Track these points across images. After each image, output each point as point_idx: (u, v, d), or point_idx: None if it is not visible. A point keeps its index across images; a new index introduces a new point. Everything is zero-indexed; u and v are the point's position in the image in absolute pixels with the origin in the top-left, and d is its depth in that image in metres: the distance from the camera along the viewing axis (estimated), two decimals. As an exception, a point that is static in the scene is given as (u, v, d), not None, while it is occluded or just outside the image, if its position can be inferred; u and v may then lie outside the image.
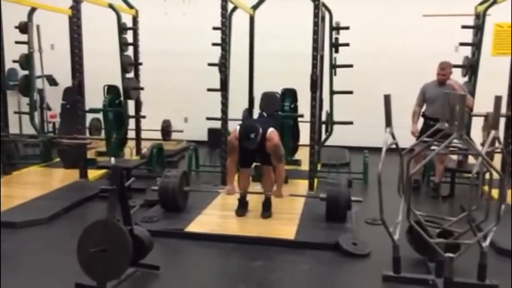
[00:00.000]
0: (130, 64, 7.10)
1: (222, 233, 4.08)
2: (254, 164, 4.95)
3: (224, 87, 5.57)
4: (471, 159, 5.67)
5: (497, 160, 4.44)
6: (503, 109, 3.87)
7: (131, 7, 7.24)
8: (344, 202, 4.29)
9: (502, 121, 4.55)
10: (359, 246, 3.77)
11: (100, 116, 7.18)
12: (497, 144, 3.45)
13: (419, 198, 5.48)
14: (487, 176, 3.24)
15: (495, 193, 3.78)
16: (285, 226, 4.24)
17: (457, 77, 5.85)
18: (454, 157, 5.81)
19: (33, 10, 6.81)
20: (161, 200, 4.54)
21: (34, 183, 5.73)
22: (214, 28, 5.86)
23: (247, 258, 3.69)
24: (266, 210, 4.48)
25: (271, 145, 4.20)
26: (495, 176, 3.17)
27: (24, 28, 6.82)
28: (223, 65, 5.59)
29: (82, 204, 4.94)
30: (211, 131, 8.31)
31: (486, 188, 3.57)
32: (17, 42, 6.84)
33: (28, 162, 6.71)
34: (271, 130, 4.24)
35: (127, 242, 2.93)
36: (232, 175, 4.50)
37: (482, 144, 4.72)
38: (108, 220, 2.98)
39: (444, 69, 5.36)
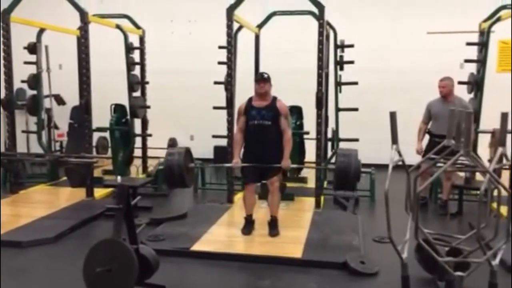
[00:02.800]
0: (137, 83, 7.18)
1: (228, 252, 4.05)
2: (259, 181, 4.94)
3: (230, 105, 5.60)
4: (478, 176, 5.63)
5: (505, 177, 4.40)
6: (510, 126, 3.86)
7: (138, 27, 7.35)
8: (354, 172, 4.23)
9: (509, 138, 4.53)
10: (367, 264, 3.73)
11: (107, 134, 7.23)
12: (504, 161, 3.43)
13: (427, 215, 5.43)
14: (495, 193, 3.21)
15: (503, 210, 3.73)
16: (291, 244, 4.20)
17: (463, 94, 5.85)
18: (462, 174, 5.77)
19: (42, 31, 6.92)
20: (168, 178, 4.47)
21: (40, 202, 5.75)
22: (220, 47, 5.92)
23: (254, 277, 3.66)
24: (273, 229, 4.45)
25: (282, 104, 4.46)
26: (503, 193, 3.14)
27: (33, 48, 6.92)
28: (229, 83, 5.64)
29: (88, 223, 4.93)
30: (217, 149, 8.31)
31: (494, 205, 3.53)
32: (26, 63, 6.93)
33: (35, 181, 6.74)
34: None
35: (133, 261, 2.92)
36: (239, 147, 4.49)
37: (490, 161, 4.69)
38: (114, 240, 2.97)
39: (442, 81, 5.37)
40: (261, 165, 4.38)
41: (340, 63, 6.81)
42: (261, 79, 4.42)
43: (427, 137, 5.60)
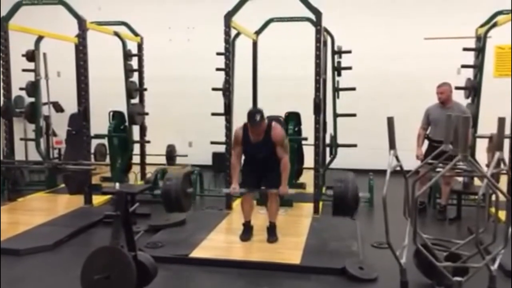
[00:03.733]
0: (135, 90, 7.20)
1: (227, 259, 4.04)
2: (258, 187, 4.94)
3: (228, 111, 5.61)
4: (476, 181, 5.64)
5: (503, 182, 4.41)
6: (507, 131, 3.87)
7: (136, 34, 7.37)
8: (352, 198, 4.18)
9: (507, 142, 4.54)
10: (365, 270, 3.72)
11: (105, 141, 7.23)
12: (502, 166, 3.44)
13: (426, 220, 5.43)
14: (494, 198, 3.22)
15: (502, 215, 3.74)
16: (290, 250, 4.19)
17: (460, 99, 5.88)
18: (460, 178, 5.78)
19: (40, 38, 6.94)
20: (165, 203, 4.44)
21: (39, 210, 5.73)
22: (218, 54, 5.93)
23: (252, 284, 3.65)
24: (272, 235, 4.44)
25: (276, 133, 4.33)
26: (502, 198, 3.15)
27: (31, 56, 6.93)
28: (227, 90, 5.65)
29: (86, 230, 4.92)
30: (215, 155, 8.32)
31: (493, 210, 3.53)
32: (24, 70, 6.94)
33: (33, 188, 6.73)
34: (274, 122, 4.46)
35: (131, 268, 2.91)
36: (236, 172, 4.47)
37: (488, 166, 4.70)
38: (112, 247, 2.96)
39: (440, 87, 5.40)
40: (259, 190, 4.45)
41: (337, 69, 6.83)
42: (255, 124, 4.22)
43: (426, 142, 5.61)
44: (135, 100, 7.22)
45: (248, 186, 4.49)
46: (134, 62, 7.22)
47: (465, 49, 6.06)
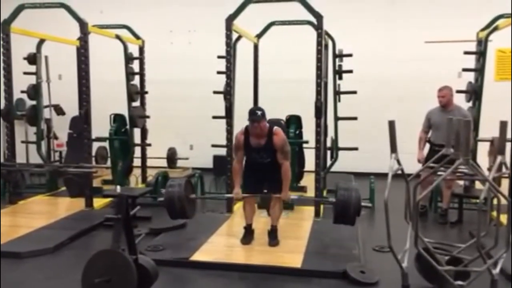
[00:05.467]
0: (136, 93, 7.21)
1: (228, 262, 4.03)
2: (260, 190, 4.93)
3: (229, 114, 5.61)
4: (478, 184, 5.63)
5: (504, 185, 4.40)
6: (509, 134, 3.87)
7: (137, 37, 7.38)
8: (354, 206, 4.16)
9: (509, 146, 4.53)
10: (367, 274, 3.71)
11: (106, 144, 7.23)
12: (504, 169, 3.43)
13: (427, 224, 5.42)
14: (495, 201, 3.21)
15: (503, 218, 3.73)
16: (291, 254, 4.18)
17: (461, 103, 5.87)
18: (461, 182, 5.77)
19: (41, 41, 6.96)
20: (168, 210, 4.42)
21: (39, 213, 5.72)
22: (219, 57, 5.94)
23: (253, 287, 3.64)
24: (273, 239, 4.43)
25: (278, 138, 4.31)
26: (503, 201, 3.14)
27: (32, 59, 6.95)
28: (228, 93, 5.65)
29: (87, 233, 4.91)
30: (216, 158, 8.32)
31: (494, 213, 3.53)
32: (25, 73, 6.96)
33: (34, 191, 6.72)
34: (276, 126, 4.43)
35: (132, 272, 2.91)
36: (238, 177, 4.45)
37: (489, 169, 4.69)
38: (113, 250, 2.96)
39: (441, 91, 5.40)
40: (261, 194, 4.44)
41: (338, 73, 6.84)
42: (256, 121, 4.21)
43: (427, 146, 5.61)
44: (136, 103, 7.23)
45: (250, 190, 4.47)
46: (135, 65, 7.23)
47: (466, 53, 6.06)
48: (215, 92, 6.32)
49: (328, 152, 7.07)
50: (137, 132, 7.26)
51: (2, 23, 5.86)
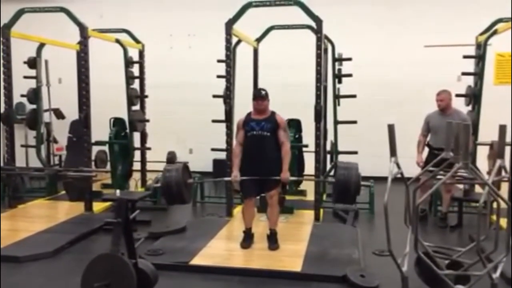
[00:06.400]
0: (136, 97, 7.21)
1: (227, 266, 4.03)
2: (258, 194, 4.95)
3: (228, 118, 5.61)
4: (477, 188, 5.63)
5: (504, 189, 4.40)
6: (508, 138, 3.87)
7: (137, 41, 7.40)
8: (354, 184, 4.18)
9: (508, 150, 4.54)
10: (367, 278, 3.70)
11: (106, 148, 7.23)
12: (503, 173, 3.43)
13: (427, 228, 5.41)
14: (495, 205, 3.21)
15: (503, 222, 3.73)
16: (291, 257, 4.18)
17: (461, 106, 5.88)
18: (461, 186, 5.77)
19: (41, 45, 6.97)
20: (166, 195, 4.40)
21: (39, 217, 5.72)
22: (219, 61, 5.95)
23: (253, 292, 3.64)
24: (273, 243, 4.43)
25: (281, 118, 4.52)
26: (503, 205, 3.14)
27: (32, 63, 6.96)
28: (228, 97, 5.66)
29: (87, 237, 4.91)
30: (216, 162, 8.31)
31: (494, 217, 3.53)
32: (25, 77, 6.96)
33: (33, 195, 6.71)
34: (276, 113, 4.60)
35: (131, 276, 2.90)
36: (238, 160, 4.47)
37: (488, 173, 4.69)
38: (113, 254, 2.95)
39: (440, 94, 5.40)
40: (260, 177, 4.37)
41: (338, 77, 6.85)
42: (259, 97, 4.47)
43: (426, 149, 5.61)
44: (136, 107, 7.23)
45: (249, 192, 4.46)
46: (135, 69, 7.24)
47: (465, 57, 6.08)
48: (214, 96, 6.32)
49: (328, 156, 7.07)
50: (136, 136, 7.26)
51: (2, 27, 5.88)
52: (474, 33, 6.26)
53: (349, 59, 6.69)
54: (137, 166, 7.37)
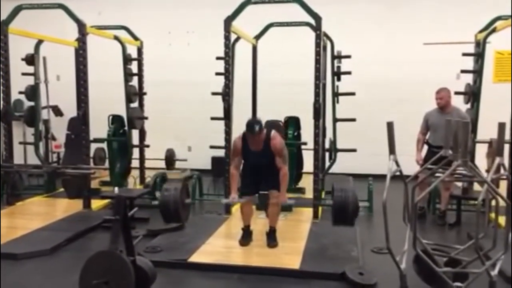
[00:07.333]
0: (134, 94, 7.20)
1: (226, 263, 4.03)
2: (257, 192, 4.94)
3: (227, 116, 5.61)
4: (476, 186, 5.64)
5: (503, 187, 4.40)
6: (507, 136, 3.87)
7: (136, 38, 7.38)
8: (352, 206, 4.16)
9: (507, 148, 4.54)
10: (365, 276, 3.70)
11: (104, 145, 7.22)
12: (502, 171, 3.43)
13: (425, 226, 5.42)
14: (493, 203, 3.21)
15: (502, 220, 3.73)
16: (290, 255, 4.18)
17: (460, 104, 5.88)
18: (459, 184, 5.78)
19: (40, 42, 6.94)
20: (163, 214, 4.42)
21: (37, 214, 5.71)
22: (218, 58, 5.94)
23: (251, 289, 3.64)
24: (272, 240, 4.43)
25: (276, 143, 4.32)
26: (502, 203, 3.14)
27: (30, 60, 6.94)
28: (227, 94, 5.65)
29: (85, 235, 4.90)
30: (215, 160, 8.32)
31: (492, 215, 3.53)
32: (23, 74, 6.95)
33: (32, 192, 6.70)
34: (274, 131, 4.44)
35: (130, 273, 2.90)
36: (235, 182, 4.47)
37: (487, 171, 4.69)
38: (111, 251, 2.95)
39: (439, 92, 5.40)
40: (259, 193, 4.42)
41: (337, 74, 6.84)
42: (253, 135, 4.23)
43: (426, 147, 5.61)
44: (135, 104, 7.22)
45: (247, 190, 4.47)
46: (133, 66, 7.22)
47: (464, 55, 6.07)
48: (213, 93, 6.32)
49: (327, 154, 7.07)
50: (135, 133, 7.25)
51: (0, 24, 5.85)
52: (473, 31, 6.26)
53: (348, 56, 6.69)
54: (135, 163, 7.36)
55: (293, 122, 6.67)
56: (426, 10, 8.16)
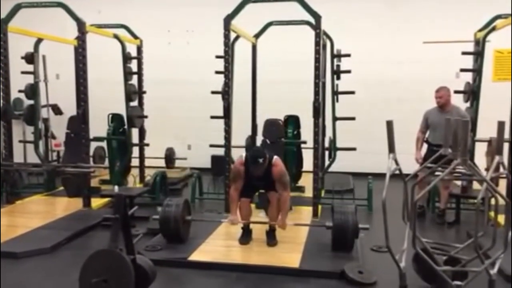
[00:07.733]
0: (134, 93, 7.19)
1: (226, 262, 4.04)
2: (257, 192, 4.95)
3: (227, 115, 5.61)
4: (475, 185, 5.64)
5: (502, 186, 4.41)
6: (507, 134, 3.87)
7: (135, 37, 7.38)
8: (351, 231, 4.18)
9: (506, 146, 4.54)
10: (365, 274, 3.71)
11: (104, 144, 7.22)
12: (501, 170, 3.43)
13: (425, 224, 5.42)
14: (493, 201, 3.22)
15: (501, 219, 3.73)
16: (289, 254, 4.19)
17: (459, 103, 5.88)
18: (458, 182, 5.78)
19: (39, 41, 6.94)
20: (163, 231, 4.45)
21: (37, 212, 5.71)
22: (217, 57, 5.94)
23: (251, 287, 3.63)
24: (272, 239, 4.44)
25: (277, 170, 4.27)
26: (501, 201, 3.15)
27: (30, 58, 6.93)
28: (226, 93, 5.65)
29: (85, 233, 4.91)
30: (214, 158, 8.31)
31: (492, 214, 3.53)
32: (23, 72, 6.94)
33: (31, 191, 6.71)
34: (276, 157, 4.35)
35: (130, 272, 2.90)
36: (236, 204, 4.46)
37: (487, 170, 4.70)
38: (111, 250, 2.95)
39: (439, 91, 5.40)
40: (258, 221, 4.50)
41: (337, 73, 6.83)
42: (257, 167, 4.15)
43: (425, 146, 5.61)
44: (134, 103, 7.22)
45: (246, 193, 4.49)
46: (133, 65, 7.22)
47: (464, 53, 6.07)
48: (213, 92, 6.32)
49: (326, 152, 7.07)
50: (135, 132, 7.25)
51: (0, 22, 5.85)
52: (473, 29, 6.26)
53: (348, 55, 6.69)
54: (135, 162, 7.36)
55: (293, 121, 6.67)
56: (426, 9, 8.15)
